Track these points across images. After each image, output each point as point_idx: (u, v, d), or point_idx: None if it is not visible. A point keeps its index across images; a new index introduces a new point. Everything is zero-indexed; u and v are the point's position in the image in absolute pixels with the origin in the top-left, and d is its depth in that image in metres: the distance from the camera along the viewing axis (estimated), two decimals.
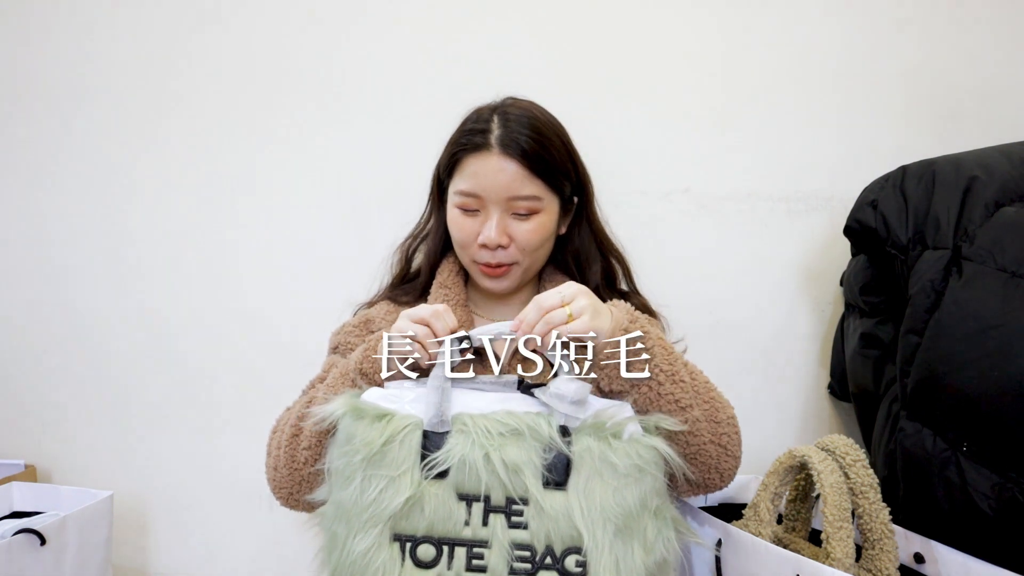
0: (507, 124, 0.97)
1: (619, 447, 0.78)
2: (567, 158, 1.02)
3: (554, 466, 0.77)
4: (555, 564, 0.75)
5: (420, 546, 0.76)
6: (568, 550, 0.75)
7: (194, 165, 1.37)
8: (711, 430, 0.86)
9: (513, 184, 0.95)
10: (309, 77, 1.36)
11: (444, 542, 0.76)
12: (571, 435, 0.78)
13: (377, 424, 0.78)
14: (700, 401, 0.86)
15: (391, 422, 0.78)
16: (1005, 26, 1.42)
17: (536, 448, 0.77)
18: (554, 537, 0.75)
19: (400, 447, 0.77)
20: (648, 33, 1.38)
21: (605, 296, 1.09)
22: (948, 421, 0.99)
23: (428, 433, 0.78)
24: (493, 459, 0.76)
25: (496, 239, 0.96)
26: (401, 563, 0.75)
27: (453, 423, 0.78)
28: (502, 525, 0.76)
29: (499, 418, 0.78)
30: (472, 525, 0.76)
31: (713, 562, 0.93)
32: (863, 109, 1.40)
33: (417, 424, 0.79)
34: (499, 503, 0.76)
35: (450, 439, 0.77)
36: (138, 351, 1.38)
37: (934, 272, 1.04)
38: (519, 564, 0.75)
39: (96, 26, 1.37)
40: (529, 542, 0.75)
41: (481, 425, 0.77)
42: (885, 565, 0.87)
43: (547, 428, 0.77)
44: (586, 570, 0.75)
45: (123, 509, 1.33)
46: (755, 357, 1.39)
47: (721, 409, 0.88)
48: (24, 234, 1.39)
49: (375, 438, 0.77)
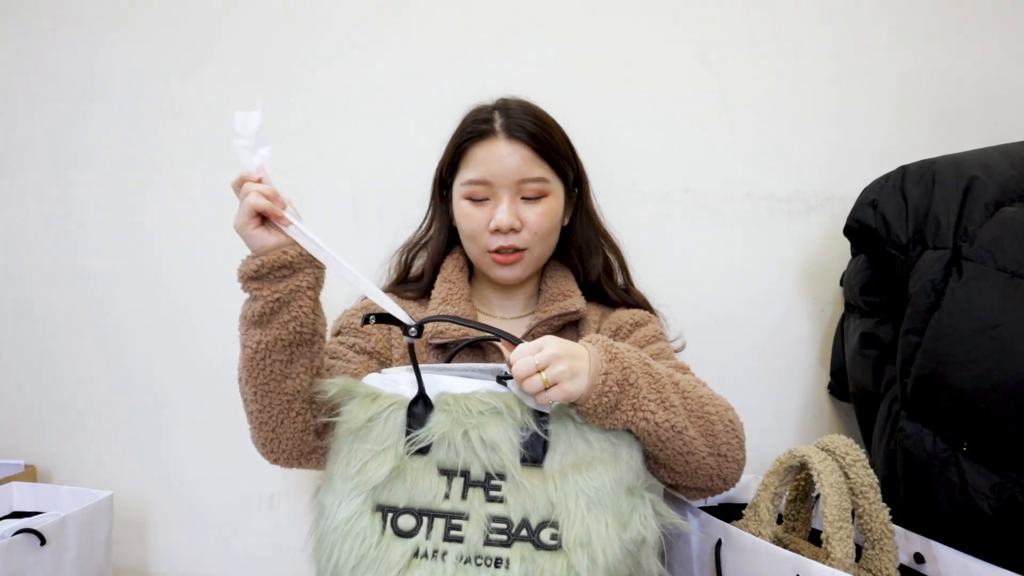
0: (509, 114, 1.00)
1: (593, 429, 0.82)
2: (567, 145, 1.05)
3: (531, 444, 0.80)
4: (530, 536, 0.78)
5: (401, 516, 0.79)
6: (543, 523, 0.78)
7: (197, 168, 1.37)
8: (708, 444, 0.85)
9: (522, 167, 0.98)
10: (310, 79, 1.36)
11: (424, 513, 0.79)
12: (548, 414, 0.81)
13: (364, 402, 0.82)
14: (694, 420, 0.84)
15: (376, 400, 0.82)
16: (1005, 26, 1.42)
17: (514, 426, 0.80)
18: (530, 510, 0.78)
19: (384, 424, 0.81)
20: (648, 33, 1.38)
21: (607, 290, 1.10)
22: (948, 421, 0.99)
23: (412, 411, 0.81)
24: (472, 436, 0.79)
25: (508, 222, 0.97)
26: (382, 531, 0.78)
27: (437, 402, 0.82)
28: (480, 499, 0.79)
29: (480, 397, 0.81)
30: (452, 498, 0.79)
31: (713, 562, 0.93)
32: (863, 109, 1.40)
33: (402, 403, 0.82)
34: (478, 478, 0.80)
35: (432, 417, 0.81)
36: (139, 351, 1.38)
37: (934, 272, 1.04)
38: (495, 536, 0.78)
39: (105, 30, 1.37)
40: (506, 515, 0.78)
41: (463, 404, 0.81)
42: (885, 565, 0.87)
43: (522, 408, 0.80)
44: (560, 542, 0.77)
45: (123, 509, 1.33)
46: (755, 357, 1.39)
47: (717, 420, 0.86)
48: (25, 234, 1.39)
49: (360, 414, 0.81)
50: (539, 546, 0.77)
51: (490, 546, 0.77)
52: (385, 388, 0.84)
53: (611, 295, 1.10)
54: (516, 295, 1.08)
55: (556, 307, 1.04)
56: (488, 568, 0.76)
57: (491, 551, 0.77)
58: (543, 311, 1.04)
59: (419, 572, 0.76)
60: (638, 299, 1.12)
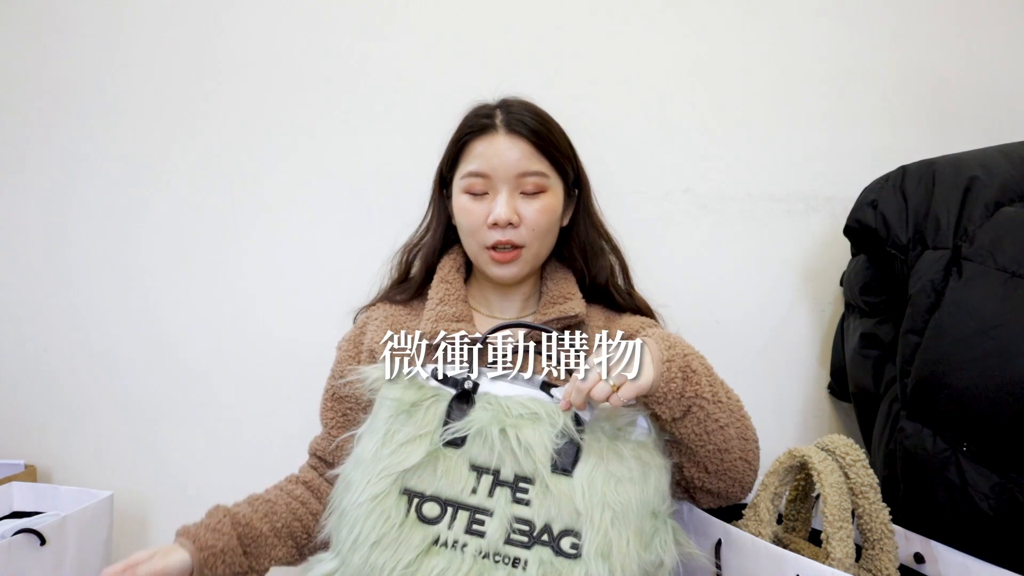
0: (510, 111, 1.01)
1: (627, 444, 0.82)
2: (567, 144, 1.06)
3: (564, 451, 0.81)
4: (551, 542, 0.78)
5: (427, 503, 0.79)
6: (565, 531, 0.78)
7: (197, 169, 1.37)
8: (741, 447, 0.87)
9: (522, 161, 0.98)
10: (310, 82, 1.36)
11: (450, 504, 0.79)
12: (584, 425, 0.82)
13: (410, 387, 0.85)
14: (735, 419, 0.87)
15: (422, 388, 0.85)
16: (1005, 26, 1.42)
17: (550, 432, 0.81)
18: (554, 517, 0.78)
19: (426, 412, 0.83)
20: (648, 33, 1.38)
21: (614, 293, 1.09)
22: (948, 421, 0.99)
23: (454, 404, 0.83)
24: (509, 434, 0.80)
25: (507, 216, 0.97)
26: (406, 514, 0.78)
27: (479, 400, 0.84)
28: (507, 499, 0.79)
29: (522, 400, 0.83)
30: (479, 494, 0.80)
31: (713, 562, 0.93)
32: (863, 109, 1.40)
33: (445, 396, 0.84)
34: (507, 478, 0.80)
35: (473, 412, 0.82)
36: (139, 351, 1.38)
37: (934, 272, 1.04)
38: (516, 536, 0.78)
39: (104, 31, 1.37)
40: (530, 518, 0.78)
41: (504, 404, 0.82)
42: (885, 565, 0.87)
43: (562, 415, 0.82)
44: (580, 552, 0.77)
45: (123, 509, 1.33)
46: (755, 357, 1.39)
47: (749, 427, 0.89)
48: (26, 236, 1.39)
49: (406, 398, 0.83)
50: (559, 553, 0.77)
51: (510, 545, 0.77)
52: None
53: (618, 299, 1.09)
54: (514, 296, 1.08)
55: (556, 310, 1.02)
56: (505, 566, 0.76)
57: (511, 550, 0.77)
58: (543, 314, 1.02)
59: (437, 559, 0.76)
60: (640, 303, 1.11)
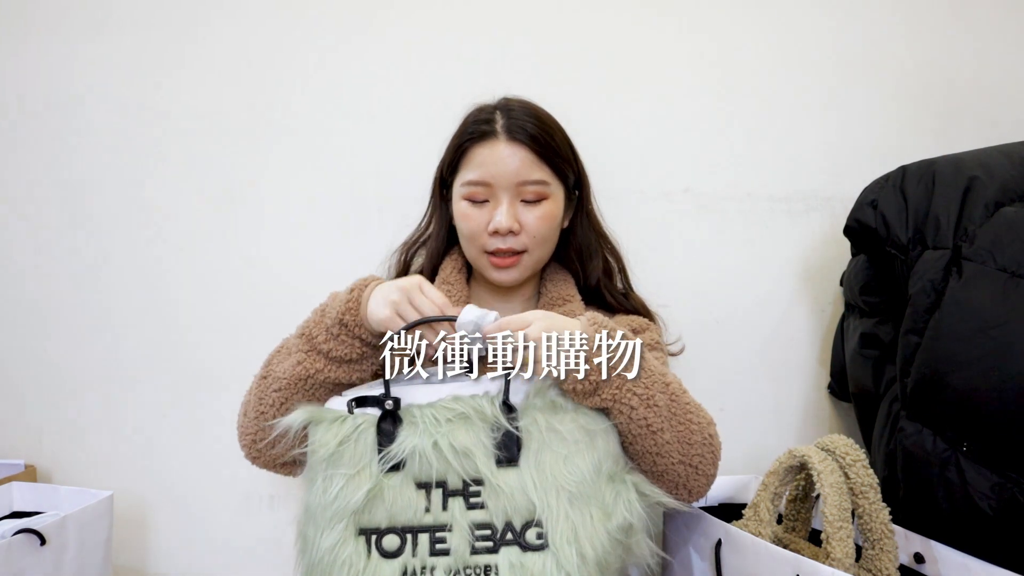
0: (511, 115, 1.00)
1: (565, 416, 0.81)
2: (568, 147, 1.05)
3: (504, 444, 0.79)
4: (516, 539, 0.77)
5: (385, 537, 0.78)
6: (527, 523, 0.77)
7: (195, 167, 1.37)
8: (681, 451, 0.84)
9: (522, 169, 0.98)
10: (310, 82, 1.36)
11: (407, 530, 0.78)
12: (516, 411, 0.81)
13: (332, 426, 0.81)
14: (674, 424, 0.83)
15: (344, 422, 0.81)
16: (1005, 26, 1.42)
17: (484, 429, 0.79)
18: (512, 513, 0.78)
19: (356, 445, 0.80)
20: (648, 33, 1.38)
21: (605, 294, 1.10)
22: (948, 421, 0.99)
23: (381, 428, 0.80)
24: (442, 445, 0.78)
25: (507, 224, 0.97)
26: (367, 555, 0.77)
27: (403, 415, 0.81)
28: (460, 508, 0.78)
29: (445, 404, 0.81)
30: (432, 511, 0.78)
31: (713, 562, 0.93)
32: (863, 109, 1.40)
33: (370, 422, 0.81)
34: (456, 487, 0.79)
35: (401, 431, 0.80)
36: (139, 351, 1.38)
37: (934, 272, 1.04)
38: (480, 543, 0.77)
39: (95, 31, 1.37)
40: (488, 521, 0.78)
41: (428, 414, 0.80)
42: (885, 565, 0.87)
43: (490, 408, 0.80)
44: (546, 540, 0.76)
45: (123, 509, 1.33)
46: (754, 357, 1.39)
47: (697, 431, 0.85)
48: (27, 234, 1.39)
49: (330, 439, 0.80)
50: (526, 548, 0.77)
51: (477, 554, 0.76)
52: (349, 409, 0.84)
53: (609, 300, 1.09)
54: (514, 298, 1.08)
55: (556, 312, 1.01)
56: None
57: (478, 559, 0.76)
58: None
59: None
60: (636, 304, 1.11)
